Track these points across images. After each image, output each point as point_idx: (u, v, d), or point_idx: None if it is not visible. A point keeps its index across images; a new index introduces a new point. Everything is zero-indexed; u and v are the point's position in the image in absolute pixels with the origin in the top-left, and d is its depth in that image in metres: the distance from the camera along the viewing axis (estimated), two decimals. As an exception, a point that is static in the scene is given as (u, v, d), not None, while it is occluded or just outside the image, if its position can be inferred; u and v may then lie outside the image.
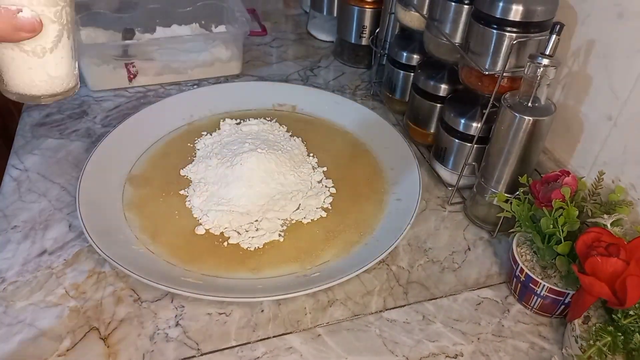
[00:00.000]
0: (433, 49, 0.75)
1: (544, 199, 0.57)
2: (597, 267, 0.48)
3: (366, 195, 0.74)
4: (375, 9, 0.98)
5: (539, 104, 0.60)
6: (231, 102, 0.89)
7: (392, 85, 0.89)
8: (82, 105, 0.89)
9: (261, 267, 0.62)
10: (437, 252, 0.67)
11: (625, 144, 0.62)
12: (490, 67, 0.63)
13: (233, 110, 0.89)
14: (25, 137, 0.81)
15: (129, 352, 0.53)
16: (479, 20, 0.62)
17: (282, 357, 0.54)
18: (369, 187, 0.75)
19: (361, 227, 0.68)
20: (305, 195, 0.72)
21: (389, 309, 0.59)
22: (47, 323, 0.55)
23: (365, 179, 0.77)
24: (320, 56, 1.10)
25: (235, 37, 0.96)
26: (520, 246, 0.61)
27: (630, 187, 0.62)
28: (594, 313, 0.53)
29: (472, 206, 0.71)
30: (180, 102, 0.87)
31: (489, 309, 0.60)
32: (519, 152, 0.62)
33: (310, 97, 0.91)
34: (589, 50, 0.66)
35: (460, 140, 0.72)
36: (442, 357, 0.55)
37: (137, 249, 0.62)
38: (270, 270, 0.62)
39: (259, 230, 0.67)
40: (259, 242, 0.65)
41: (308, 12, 1.21)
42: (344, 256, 0.64)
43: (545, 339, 0.57)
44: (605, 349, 0.48)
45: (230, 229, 0.67)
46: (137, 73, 0.93)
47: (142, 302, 0.58)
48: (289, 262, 0.63)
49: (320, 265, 0.63)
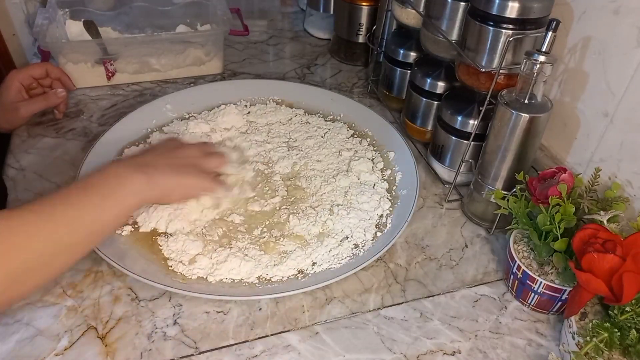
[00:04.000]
0: (430, 47, 0.75)
1: (541, 196, 0.57)
2: (593, 263, 0.48)
3: (363, 193, 0.74)
4: (371, 7, 0.98)
5: (535, 101, 0.60)
6: (228, 100, 0.89)
7: (389, 83, 0.89)
8: (79, 104, 0.89)
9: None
10: (434, 250, 0.67)
11: (622, 141, 0.62)
12: (486, 64, 0.63)
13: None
14: (22, 137, 0.81)
15: (126, 350, 0.53)
16: (475, 17, 0.62)
17: (280, 355, 0.54)
18: (366, 185, 0.75)
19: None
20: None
21: (387, 306, 0.59)
22: (44, 322, 0.55)
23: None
24: (317, 54, 1.10)
25: (215, 37, 0.95)
26: (517, 243, 0.61)
27: (627, 184, 0.62)
28: (590, 309, 0.53)
29: (470, 203, 0.71)
30: (177, 99, 0.86)
31: (486, 306, 0.60)
32: (516, 149, 0.62)
33: (307, 95, 0.91)
34: (585, 47, 0.66)
35: (457, 138, 0.72)
36: (439, 354, 0.55)
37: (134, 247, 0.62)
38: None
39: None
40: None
41: (305, 9, 1.21)
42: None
43: (543, 336, 0.57)
44: (602, 345, 0.48)
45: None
46: (115, 71, 0.92)
47: (139, 301, 0.58)
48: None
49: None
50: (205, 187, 0.65)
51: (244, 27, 1.14)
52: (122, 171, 0.56)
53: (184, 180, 0.62)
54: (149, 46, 0.93)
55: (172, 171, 0.61)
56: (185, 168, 0.63)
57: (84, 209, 0.52)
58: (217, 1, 1.01)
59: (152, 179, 0.58)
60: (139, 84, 0.95)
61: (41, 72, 0.82)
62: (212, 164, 0.68)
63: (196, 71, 0.98)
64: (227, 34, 0.95)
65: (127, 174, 0.56)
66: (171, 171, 0.61)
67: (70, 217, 0.51)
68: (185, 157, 0.65)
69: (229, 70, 1.01)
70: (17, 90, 0.78)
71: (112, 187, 0.55)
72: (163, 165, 0.61)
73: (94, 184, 0.54)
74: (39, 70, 0.81)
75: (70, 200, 0.52)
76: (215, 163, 0.68)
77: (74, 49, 0.89)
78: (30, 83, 0.81)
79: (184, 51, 0.95)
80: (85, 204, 0.52)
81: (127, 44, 0.92)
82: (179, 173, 0.62)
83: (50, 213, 0.50)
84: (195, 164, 0.65)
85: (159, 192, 0.59)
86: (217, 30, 0.95)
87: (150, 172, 0.58)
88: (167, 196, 0.62)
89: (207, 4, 1.03)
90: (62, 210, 0.50)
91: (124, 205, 0.55)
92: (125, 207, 0.55)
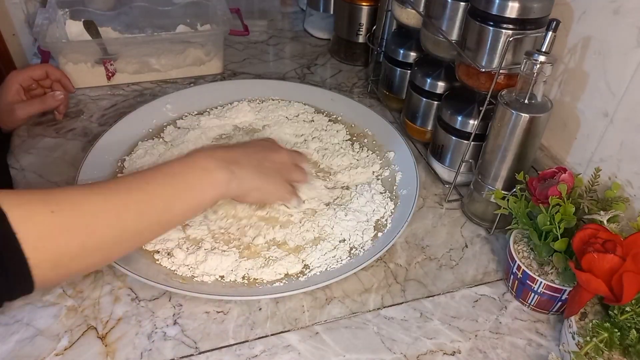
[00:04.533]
0: (430, 47, 0.75)
1: (541, 196, 0.57)
2: (593, 263, 0.48)
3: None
4: (371, 7, 0.98)
5: (535, 101, 0.60)
6: (228, 100, 0.89)
7: (389, 83, 0.89)
8: (79, 104, 0.89)
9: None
10: (434, 250, 0.67)
11: (622, 141, 0.62)
12: (486, 64, 0.63)
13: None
14: (22, 137, 0.81)
15: (126, 350, 0.53)
16: (475, 17, 0.62)
17: (280, 355, 0.54)
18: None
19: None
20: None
21: (387, 306, 0.59)
22: (44, 322, 0.55)
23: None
24: (317, 54, 1.10)
25: (215, 37, 0.95)
26: (517, 243, 0.61)
27: (627, 184, 0.62)
28: (590, 309, 0.53)
29: (470, 203, 0.71)
30: (177, 99, 0.86)
31: (486, 306, 0.60)
32: (516, 149, 0.62)
33: (307, 95, 0.91)
34: (585, 46, 0.66)
35: (457, 138, 0.72)
36: (439, 354, 0.55)
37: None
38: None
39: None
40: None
41: (305, 9, 1.21)
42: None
43: (543, 336, 0.57)
44: (601, 345, 0.48)
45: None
46: (115, 71, 0.93)
47: (139, 301, 0.58)
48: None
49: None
50: (284, 198, 0.65)
51: (244, 27, 1.14)
52: (208, 164, 0.55)
53: (266, 185, 0.61)
54: (149, 46, 0.93)
55: (257, 173, 0.60)
56: (270, 173, 0.62)
57: (159, 197, 0.51)
58: (217, 1, 1.01)
59: (236, 178, 0.57)
60: (139, 84, 0.95)
61: (41, 73, 0.82)
62: (296, 177, 0.67)
63: (196, 71, 0.98)
64: (227, 34, 0.95)
65: (212, 168, 0.55)
66: (256, 173, 0.60)
67: (143, 205, 0.49)
68: (273, 161, 0.64)
69: (229, 70, 1.01)
70: (15, 91, 0.78)
71: (195, 180, 0.53)
72: (249, 166, 0.59)
73: (175, 174, 0.53)
74: (39, 71, 0.81)
75: (148, 188, 0.50)
76: (300, 177, 0.67)
77: (74, 49, 0.89)
78: (29, 84, 0.81)
79: (184, 51, 0.95)
80: (162, 193, 0.51)
81: (127, 44, 0.92)
82: (263, 177, 0.61)
83: (124, 197, 0.48)
84: (281, 170, 0.64)
85: (238, 191, 0.58)
86: (217, 30, 0.95)
87: (235, 171, 0.57)
88: (243, 196, 0.61)
89: (207, 4, 1.04)
90: (137, 197, 0.49)
91: (200, 200, 0.54)
92: (202, 201, 0.55)
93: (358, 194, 0.71)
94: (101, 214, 0.47)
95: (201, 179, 0.54)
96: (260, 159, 0.62)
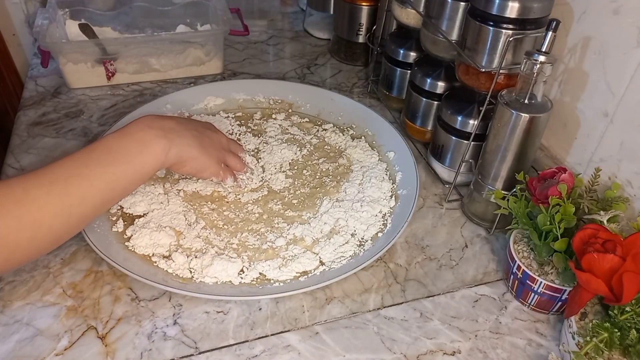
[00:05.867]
0: (430, 47, 0.75)
1: (541, 196, 0.57)
2: (593, 263, 0.48)
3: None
4: (371, 7, 0.98)
5: (535, 101, 0.60)
6: (228, 100, 0.89)
7: (389, 83, 0.89)
8: (79, 104, 0.89)
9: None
10: (434, 250, 0.67)
11: (622, 141, 0.62)
12: (486, 64, 0.63)
13: (230, 109, 0.89)
14: (21, 137, 0.81)
15: (126, 350, 0.53)
16: (475, 17, 0.62)
17: (280, 355, 0.54)
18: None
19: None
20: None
21: (387, 306, 0.59)
22: (44, 322, 0.55)
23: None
24: (317, 54, 1.10)
25: (215, 37, 0.95)
26: (517, 243, 0.61)
27: (627, 184, 0.62)
28: (590, 309, 0.53)
29: (470, 203, 0.71)
30: (177, 99, 0.86)
31: (486, 306, 0.60)
32: (516, 149, 0.62)
33: (307, 95, 0.91)
34: (585, 46, 0.66)
35: (457, 138, 0.72)
36: (439, 354, 0.55)
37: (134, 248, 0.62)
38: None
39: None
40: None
41: (305, 9, 1.21)
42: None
43: (543, 336, 0.57)
44: (602, 345, 0.48)
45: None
46: (115, 71, 0.92)
47: (139, 301, 0.58)
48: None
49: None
50: (218, 173, 0.65)
51: (244, 27, 1.13)
52: (145, 135, 0.55)
53: (203, 157, 0.61)
54: (149, 46, 0.93)
55: (195, 144, 0.60)
56: (208, 147, 0.62)
57: (100, 179, 0.51)
58: (217, 1, 1.01)
59: (175, 146, 0.57)
60: (139, 84, 0.95)
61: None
62: (232, 162, 0.68)
63: (196, 71, 0.98)
64: (227, 34, 0.95)
65: (149, 139, 0.55)
66: (194, 144, 0.60)
67: (85, 190, 0.50)
68: (211, 139, 0.64)
69: (229, 70, 1.01)
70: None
71: (133, 153, 0.53)
72: (188, 135, 0.60)
73: (112, 149, 0.53)
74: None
75: (87, 172, 0.51)
76: (235, 164, 0.68)
77: (74, 49, 0.89)
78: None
79: (184, 51, 0.95)
80: (102, 174, 0.51)
81: (127, 44, 0.92)
82: (201, 149, 0.61)
83: (65, 186, 0.49)
84: (218, 149, 0.64)
85: (176, 159, 0.58)
86: (217, 30, 0.95)
87: (174, 139, 0.57)
88: (181, 164, 0.60)
89: (207, 4, 1.03)
90: (78, 183, 0.49)
91: (141, 173, 0.54)
92: (142, 174, 0.55)
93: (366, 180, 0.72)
94: (46, 206, 0.47)
95: (140, 151, 0.54)
96: (199, 133, 0.62)
